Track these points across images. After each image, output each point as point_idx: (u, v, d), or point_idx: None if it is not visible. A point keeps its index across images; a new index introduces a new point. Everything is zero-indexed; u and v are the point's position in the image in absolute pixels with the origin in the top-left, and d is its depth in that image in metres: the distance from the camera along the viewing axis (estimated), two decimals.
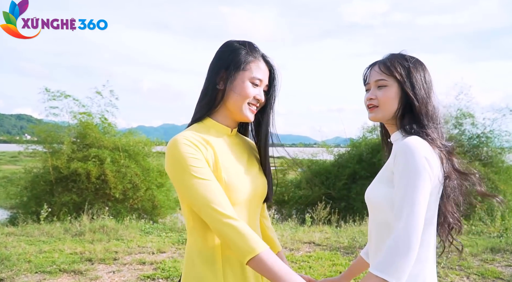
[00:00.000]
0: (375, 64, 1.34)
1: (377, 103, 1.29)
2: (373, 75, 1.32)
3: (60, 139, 9.32)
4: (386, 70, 1.28)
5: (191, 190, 1.11)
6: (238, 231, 1.07)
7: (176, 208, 10.47)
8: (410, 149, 1.14)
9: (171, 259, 4.72)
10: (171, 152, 1.14)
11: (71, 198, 8.58)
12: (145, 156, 10.08)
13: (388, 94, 1.27)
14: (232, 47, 1.26)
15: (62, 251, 4.91)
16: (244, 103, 1.25)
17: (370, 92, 1.32)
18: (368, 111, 1.34)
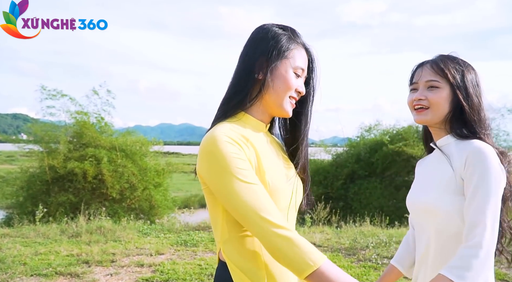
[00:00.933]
0: (426, 63, 1.27)
1: (427, 104, 1.24)
2: (424, 75, 1.25)
3: (56, 138, 9.25)
4: (439, 71, 1.23)
5: (235, 195, 0.95)
6: (294, 243, 0.92)
7: (173, 208, 10.41)
8: (486, 156, 1.12)
9: (169, 261, 4.63)
10: (209, 150, 0.97)
11: (67, 197, 8.52)
12: (142, 155, 10.03)
13: (441, 96, 1.22)
14: (272, 32, 1.09)
15: (58, 253, 4.81)
16: (286, 96, 1.08)
17: (419, 93, 1.25)
18: (415, 112, 1.27)
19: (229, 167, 0.96)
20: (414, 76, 1.29)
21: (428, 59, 1.30)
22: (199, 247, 5.28)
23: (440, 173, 1.22)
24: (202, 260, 4.68)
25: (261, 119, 1.12)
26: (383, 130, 12.71)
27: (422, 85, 1.25)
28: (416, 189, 1.32)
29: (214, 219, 1.06)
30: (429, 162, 1.34)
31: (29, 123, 10.47)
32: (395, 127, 12.49)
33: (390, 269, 1.44)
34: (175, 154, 46.57)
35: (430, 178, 1.26)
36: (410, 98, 1.29)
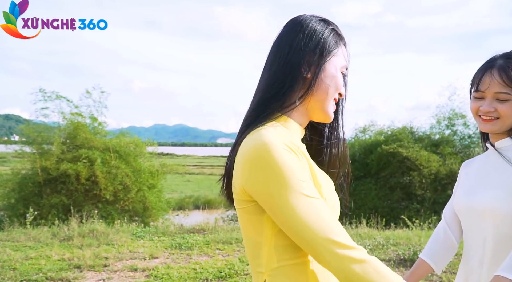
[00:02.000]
0: (494, 70, 1.20)
1: (496, 115, 1.19)
2: (493, 85, 1.18)
3: (49, 140, 9.14)
4: (510, 82, 1.16)
5: (297, 213, 0.78)
6: (371, 265, 0.78)
7: (168, 210, 10.33)
8: None
9: (164, 265, 4.54)
10: (262, 160, 0.80)
11: (60, 199, 8.42)
12: (136, 156, 9.94)
13: (510, 108, 1.17)
14: (319, 25, 0.94)
15: (49, 257, 4.70)
16: (332, 98, 0.94)
17: (488, 104, 1.19)
18: (482, 121, 1.23)
19: (290, 178, 0.79)
20: (480, 83, 1.21)
21: (495, 62, 1.22)
22: (194, 250, 5.19)
23: (499, 174, 1.19)
24: (197, 264, 4.59)
25: (301, 124, 0.96)
26: (377, 131, 12.71)
27: (490, 96, 1.20)
28: (469, 190, 1.28)
29: (256, 245, 0.86)
30: (484, 163, 1.30)
31: (21, 125, 10.34)
32: (390, 128, 12.49)
33: (420, 263, 1.38)
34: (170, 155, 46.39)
35: (487, 179, 1.23)
36: (475, 106, 1.24)
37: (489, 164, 1.27)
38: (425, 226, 7.26)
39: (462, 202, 1.28)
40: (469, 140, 11.11)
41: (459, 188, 1.35)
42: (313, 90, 0.91)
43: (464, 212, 1.27)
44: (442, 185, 10.52)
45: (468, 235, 1.27)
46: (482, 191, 1.22)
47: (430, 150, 11.06)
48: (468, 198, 1.26)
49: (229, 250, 5.22)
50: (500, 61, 1.21)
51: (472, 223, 1.25)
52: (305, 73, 0.90)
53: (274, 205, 0.80)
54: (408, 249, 5.08)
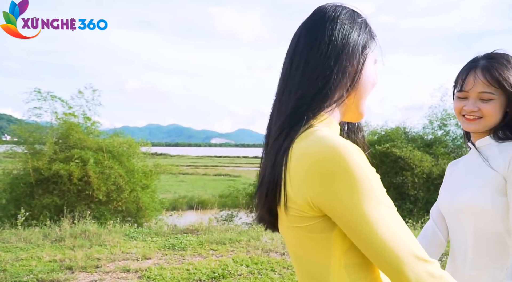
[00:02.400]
0: (477, 70, 1.22)
1: (479, 114, 1.22)
2: (477, 85, 1.21)
3: (42, 140, 9.05)
4: (495, 82, 1.19)
5: (382, 226, 0.67)
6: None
7: (161, 210, 10.28)
8: None
9: (157, 266, 4.51)
10: (339, 167, 0.68)
11: (52, 200, 8.33)
12: (129, 156, 9.88)
13: (495, 107, 1.20)
14: (355, 15, 0.84)
15: (40, 258, 4.65)
16: (368, 95, 0.85)
17: (472, 104, 1.22)
18: (465, 121, 1.26)
19: (371, 187, 0.69)
20: (464, 83, 1.24)
21: (478, 62, 1.24)
22: (187, 251, 5.16)
23: (480, 173, 1.21)
24: (190, 265, 4.56)
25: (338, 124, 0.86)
26: (371, 131, 12.76)
27: (474, 96, 1.22)
28: (453, 189, 1.31)
29: (321, 267, 0.74)
30: (467, 162, 1.33)
31: (13, 125, 10.23)
32: (383, 128, 12.54)
33: None
34: (164, 155, 46.26)
35: (470, 178, 1.25)
36: (459, 105, 1.26)
37: (471, 163, 1.29)
38: (418, 226, 7.30)
39: (446, 201, 1.31)
40: (461, 140, 11.21)
41: (444, 187, 1.38)
42: (356, 86, 0.82)
43: (448, 211, 1.30)
44: (434, 185, 10.58)
45: (452, 233, 1.30)
46: (464, 189, 1.24)
47: (423, 150, 11.12)
48: (451, 197, 1.28)
49: (222, 251, 5.20)
50: (483, 61, 1.23)
51: (455, 221, 1.27)
52: (350, 67, 0.80)
53: (354, 219, 0.68)
54: None
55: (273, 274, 4.30)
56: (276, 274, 4.32)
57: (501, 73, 1.19)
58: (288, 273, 4.31)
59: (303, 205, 0.71)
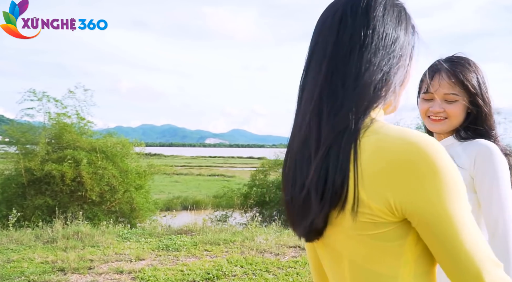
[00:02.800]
0: (442, 73, 1.26)
1: (445, 115, 1.27)
2: (442, 87, 1.25)
3: (34, 140, 8.98)
4: (459, 83, 1.24)
5: (468, 230, 0.62)
6: None
7: (155, 211, 10.23)
8: (495, 154, 1.19)
9: (150, 267, 4.47)
10: (430, 162, 0.61)
11: (44, 201, 8.27)
12: (123, 157, 9.82)
13: (459, 108, 1.25)
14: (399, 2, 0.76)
15: (32, 260, 4.59)
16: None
17: (437, 105, 1.26)
18: (431, 122, 1.29)
19: (459, 188, 0.62)
20: (430, 85, 1.27)
21: (442, 64, 1.27)
22: (181, 252, 5.13)
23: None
24: (184, 266, 4.53)
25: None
26: None
27: (439, 97, 1.26)
28: None
29: (387, 278, 0.67)
30: None
31: (4, 125, 10.13)
32: None
33: None
34: (157, 155, 46.09)
35: None
36: (424, 107, 1.29)
37: None
38: None
39: None
40: None
41: None
42: (406, 80, 0.75)
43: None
44: None
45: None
46: None
47: None
48: None
49: (217, 251, 5.18)
50: (446, 64, 1.27)
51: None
52: (404, 57, 0.73)
53: (440, 221, 0.61)
54: None
55: (267, 275, 4.28)
56: (270, 274, 4.30)
57: (465, 75, 1.23)
58: (283, 274, 4.29)
59: (380, 208, 0.62)
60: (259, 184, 11.81)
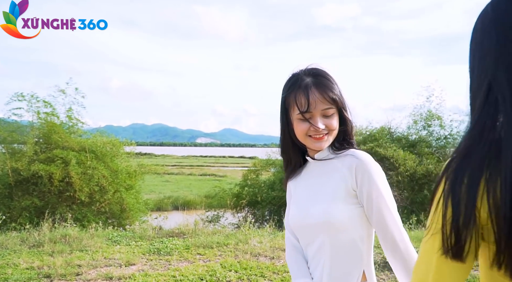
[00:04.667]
0: (313, 89, 1.22)
1: (327, 131, 1.25)
2: (319, 104, 1.22)
3: (22, 140, 8.75)
4: (330, 99, 1.23)
5: None
6: None
7: (146, 211, 10.06)
8: (374, 165, 1.23)
9: (141, 272, 4.31)
10: None
11: (32, 201, 8.06)
12: (113, 157, 9.63)
13: (336, 121, 1.26)
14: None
15: (17, 265, 4.40)
16: None
17: (320, 122, 1.23)
18: (314, 141, 1.25)
19: None
20: (305, 104, 1.22)
21: (306, 81, 1.24)
22: (173, 256, 4.97)
23: (328, 185, 1.25)
24: (176, 271, 4.38)
25: None
26: (356, 132, 12.80)
27: (318, 114, 1.23)
28: (303, 204, 1.30)
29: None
30: (310, 176, 1.33)
31: None
32: (368, 129, 12.59)
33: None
34: (148, 155, 45.71)
35: (318, 191, 1.27)
36: (304, 127, 1.24)
37: (314, 176, 1.32)
38: (406, 227, 7.27)
39: (297, 217, 1.30)
40: (445, 141, 11.32)
41: (292, 203, 1.37)
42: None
43: (300, 227, 1.30)
44: (419, 185, 10.65)
45: (308, 248, 1.31)
46: (315, 204, 1.26)
47: (407, 150, 11.19)
48: (302, 213, 1.29)
49: (210, 255, 5.03)
50: (310, 79, 1.25)
51: (308, 236, 1.28)
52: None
53: None
54: None
55: (262, 280, 4.15)
56: (266, 279, 4.17)
57: (331, 89, 1.23)
58: (278, 279, 4.17)
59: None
60: (251, 184, 11.68)
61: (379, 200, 1.19)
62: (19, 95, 8.70)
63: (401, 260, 1.19)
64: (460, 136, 11.10)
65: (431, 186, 10.46)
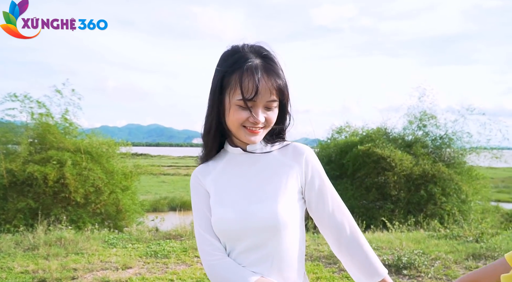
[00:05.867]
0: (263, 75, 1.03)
1: (265, 124, 1.08)
2: (265, 93, 1.03)
3: (16, 140, 8.65)
4: (278, 90, 1.05)
5: None
6: None
7: (142, 212, 10.00)
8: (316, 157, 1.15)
9: (138, 276, 4.24)
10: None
11: (27, 203, 7.95)
12: (109, 157, 9.56)
13: (276, 114, 1.10)
14: None
15: (11, 269, 4.32)
16: None
17: (260, 114, 1.05)
18: (249, 133, 1.07)
19: None
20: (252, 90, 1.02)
21: (255, 62, 1.04)
22: (171, 259, 4.91)
23: (271, 180, 1.10)
24: (174, 274, 4.32)
25: None
26: (352, 132, 12.81)
27: (261, 105, 1.05)
28: (239, 206, 1.08)
29: None
30: (238, 172, 1.13)
31: None
32: (364, 129, 12.60)
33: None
34: (144, 155, 45.55)
35: (258, 189, 1.09)
36: (242, 116, 1.04)
37: (246, 171, 1.13)
38: (404, 228, 7.24)
39: (233, 221, 1.07)
40: (441, 141, 11.35)
41: (218, 204, 1.10)
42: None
43: (237, 231, 1.07)
44: (415, 185, 10.67)
45: (246, 255, 1.08)
46: (255, 205, 1.07)
47: (403, 150, 11.20)
48: (241, 216, 1.07)
49: None
50: (260, 61, 1.05)
51: (250, 241, 1.07)
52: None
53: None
54: (392, 254, 4.99)
55: None
56: None
57: (281, 78, 1.05)
58: None
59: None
60: None
61: (327, 191, 1.13)
62: (12, 95, 8.63)
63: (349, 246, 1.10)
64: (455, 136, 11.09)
65: (427, 187, 10.47)
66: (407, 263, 4.52)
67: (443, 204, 10.34)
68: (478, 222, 6.87)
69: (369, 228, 7.69)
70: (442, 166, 10.54)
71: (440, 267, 4.52)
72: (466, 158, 11.08)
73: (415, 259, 4.56)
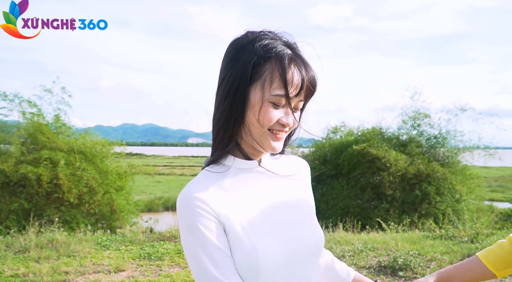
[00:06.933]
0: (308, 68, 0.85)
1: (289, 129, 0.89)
2: (306, 90, 0.85)
3: (8, 140, 8.52)
4: (314, 88, 0.87)
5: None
6: None
7: (136, 212, 9.91)
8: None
9: (131, 279, 4.18)
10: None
11: (19, 204, 7.84)
12: (103, 157, 9.46)
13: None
14: None
15: (1, 273, 4.23)
16: None
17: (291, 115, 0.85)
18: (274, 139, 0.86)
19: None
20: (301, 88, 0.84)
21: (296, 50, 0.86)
22: (165, 261, 4.85)
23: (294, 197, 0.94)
24: (167, 277, 4.26)
25: None
26: (348, 132, 12.82)
27: (294, 104, 0.86)
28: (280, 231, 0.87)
29: None
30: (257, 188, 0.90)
31: None
32: (360, 129, 12.60)
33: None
34: (139, 155, 45.38)
35: (287, 208, 0.91)
36: (275, 117, 0.84)
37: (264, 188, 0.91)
38: (399, 229, 7.22)
39: (279, 251, 0.84)
40: (435, 140, 11.37)
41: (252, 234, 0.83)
42: None
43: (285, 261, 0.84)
44: (410, 185, 10.68)
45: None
46: (300, 227, 0.90)
47: (398, 150, 11.22)
48: (288, 244, 0.86)
49: None
50: (298, 53, 0.86)
51: (293, 271, 0.87)
52: None
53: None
54: (387, 255, 4.97)
55: None
56: None
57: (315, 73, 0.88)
58: None
59: None
60: None
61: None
62: (1, 94, 8.51)
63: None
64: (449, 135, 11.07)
65: (422, 186, 10.49)
66: (403, 264, 4.49)
67: (437, 204, 10.35)
68: (472, 222, 6.86)
69: (364, 229, 7.66)
70: (436, 165, 10.56)
71: (436, 268, 4.50)
72: (460, 156, 11.10)
73: (411, 260, 4.54)
